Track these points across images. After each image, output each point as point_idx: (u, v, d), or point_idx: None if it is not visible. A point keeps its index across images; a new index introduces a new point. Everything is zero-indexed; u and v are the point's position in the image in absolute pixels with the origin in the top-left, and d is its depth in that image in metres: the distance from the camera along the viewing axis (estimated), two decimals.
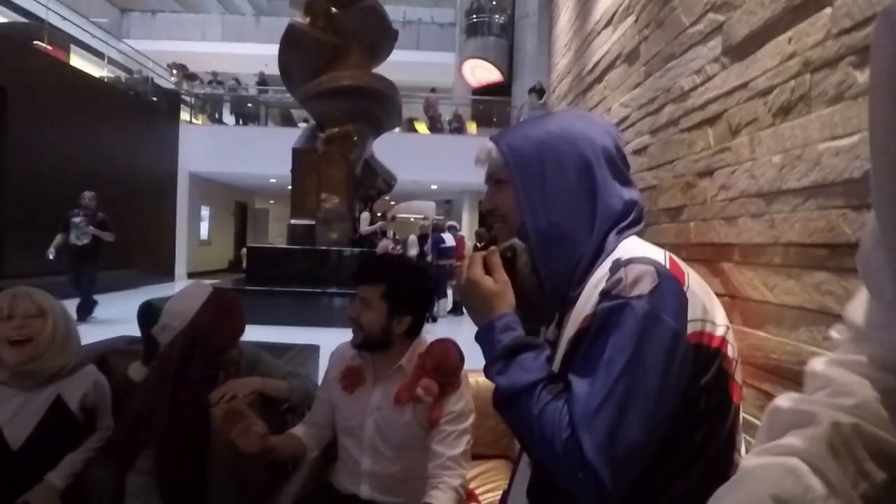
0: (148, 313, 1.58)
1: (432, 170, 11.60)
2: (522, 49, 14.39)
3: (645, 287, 0.68)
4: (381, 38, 7.58)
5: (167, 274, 11.41)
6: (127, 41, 14.10)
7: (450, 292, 7.89)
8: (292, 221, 7.46)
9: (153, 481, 1.37)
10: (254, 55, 15.26)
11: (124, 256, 9.65)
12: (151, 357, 1.50)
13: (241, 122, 12.88)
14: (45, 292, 1.40)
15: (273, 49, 7.88)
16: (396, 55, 8.43)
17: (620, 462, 0.64)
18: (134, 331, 1.89)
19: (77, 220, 5.98)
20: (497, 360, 0.75)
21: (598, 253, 0.77)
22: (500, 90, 13.58)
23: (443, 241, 7.65)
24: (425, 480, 1.24)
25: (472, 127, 13.11)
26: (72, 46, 9.94)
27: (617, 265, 0.72)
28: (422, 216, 8.46)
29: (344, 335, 1.45)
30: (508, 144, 0.84)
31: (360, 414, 1.34)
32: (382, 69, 7.74)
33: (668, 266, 0.72)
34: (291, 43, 6.99)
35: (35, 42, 8.28)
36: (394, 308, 1.29)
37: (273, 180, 12.82)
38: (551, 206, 0.79)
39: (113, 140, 9.37)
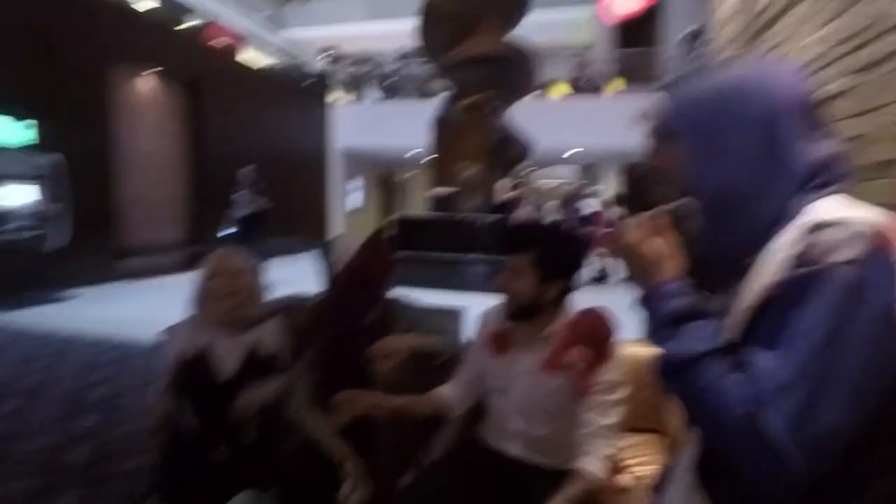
0: (327, 249, 1.93)
1: (572, 134, 11.14)
2: None
3: (847, 253, 0.59)
4: (516, 1, 7.37)
5: (324, 241, 12.69)
6: (287, 31, 15.57)
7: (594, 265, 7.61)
8: (433, 191, 7.76)
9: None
10: (397, 30, 15.82)
11: (287, 226, 10.94)
12: None
13: (384, 97, 13.56)
14: (243, 253, 1.67)
15: (414, 23, 8.12)
16: (534, 16, 8.13)
17: (813, 446, 0.57)
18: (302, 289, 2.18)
19: (237, 196, 6.54)
20: (665, 326, 0.70)
21: (782, 216, 0.68)
22: (647, 28, 12.37)
23: (582, 208, 7.38)
24: (575, 445, 1.25)
25: (617, 85, 12.22)
26: (242, 40, 11.27)
27: (810, 229, 0.63)
28: (561, 182, 8.18)
29: (484, 300, 1.51)
30: (679, 96, 0.78)
31: (509, 377, 1.38)
32: (519, 32, 7.53)
33: (876, 230, 0.61)
34: (428, 16, 7.14)
35: (215, 40, 9.52)
36: (544, 275, 1.29)
37: (416, 151, 13.39)
38: (726, 164, 0.71)
39: (279, 122, 10.54)
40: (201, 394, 1.57)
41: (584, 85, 12.32)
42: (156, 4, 9.20)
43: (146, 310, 5.44)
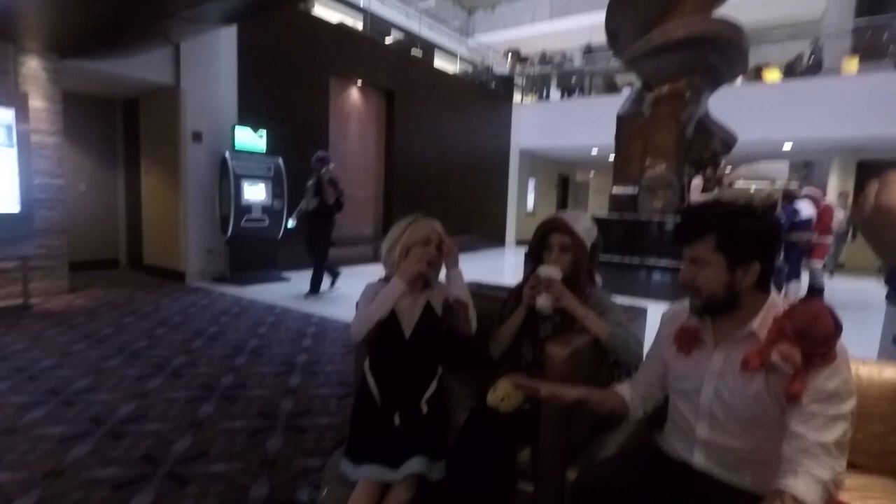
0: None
1: (786, 124, 9.52)
2: None
3: None
4: None
5: (500, 240, 12.95)
6: (474, 37, 16.28)
7: (805, 275, 6.41)
8: (614, 190, 7.32)
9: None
10: (581, 27, 15.42)
11: (467, 224, 11.42)
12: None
13: (565, 95, 13.29)
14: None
15: (599, 17, 7.76)
16: None
17: None
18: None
19: (308, 184, 5.72)
20: None
21: None
22: None
23: (797, 211, 6.22)
24: (772, 461, 1.02)
25: (850, 65, 10.08)
26: (435, 50, 12.08)
27: None
28: (769, 181, 7.03)
29: (662, 308, 1.34)
30: None
31: (698, 378, 1.19)
32: (726, 10, 6.66)
33: None
34: (619, 2, 6.71)
35: (412, 51, 10.36)
36: (733, 257, 1.09)
37: (595, 151, 12.86)
38: None
39: (461, 125, 11.06)
40: (385, 348, 1.70)
41: (808, 65, 10.39)
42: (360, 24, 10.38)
43: (343, 293, 6.18)
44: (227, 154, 6.26)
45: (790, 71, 10.52)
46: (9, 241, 4.74)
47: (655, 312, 2.16)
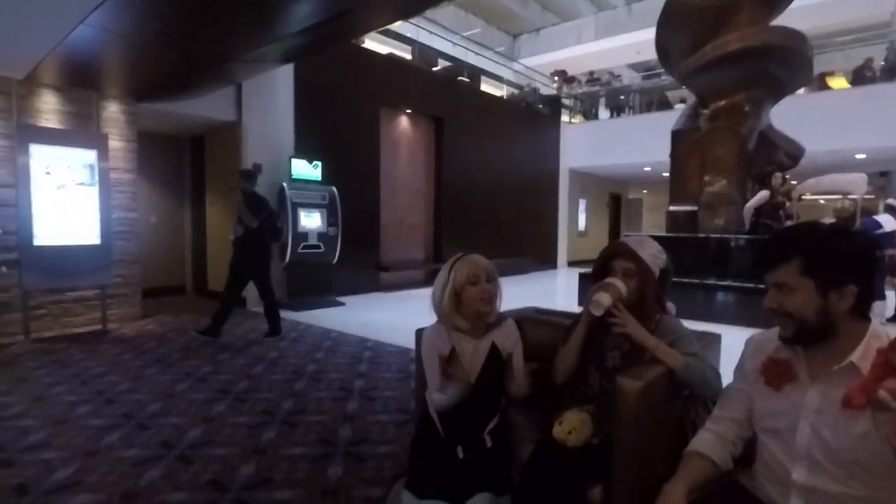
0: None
1: (858, 133, 8.95)
2: None
3: None
4: None
5: (551, 262, 12.75)
6: (520, 61, 16.41)
7: (891, 295, 5.91)
8: (671, 208, 7.07)
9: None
10: (627, 45, 15.29)
11: (517, 247, 11.32)
12: None
13: (615, 114, 13.10)
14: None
15: (646, 35, 7.65)
16: None
17: None
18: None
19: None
20: None
21: None
22: None
23: (878, 225, 5.78)
24: None
25: None
26: (481, 75, 12.24)
27: None
28: (844, 194, 6.59)
29: (731, 332, 1.23)
30: None
31: (791, 415, 1.08)
32: (785, 19, 6.41)
33: None
34: (670, 18, 6.58)
35: (459, 78, 10.55)
36: (824, 280, 1.00)
37: (647, 168, 12.53)
38: None
39: (509, 148, 11.07)
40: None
41: (880, 71, 9.79)
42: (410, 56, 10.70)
43: (396, 317, 6.23)
44: (285, 184, 6.53)
45: (858, 77, 9.94)
46: (90, 270, 5.10)
47: (727, 337, 2.04)
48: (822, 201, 12.16)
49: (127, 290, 5.73)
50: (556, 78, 14.44)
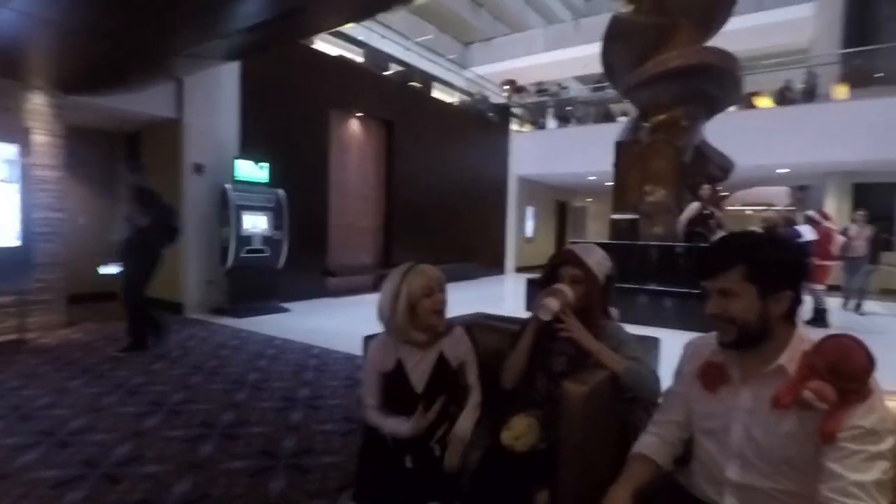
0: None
1: (781, 150, 9.65)
2: None
3: None
4: (716, 5, 6.68)
5: (499, 268, 12.92)
6: (471, 69, 16.61)
7: (808, 299, 6.38)
8: (614, 216, 7.34)
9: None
10: (574, 58, 15.80)
11: (466, 252, 11.41)
12: None
13: (562, 124, 13.48)
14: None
15: (593, 49, 7.93)
16: (735, 22, 7.32)
17: None
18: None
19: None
20: None
21: None
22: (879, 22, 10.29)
23: (798, 235, 6.23)
24: None
25: (839, 91, 10.29)
26: (433, 81, 12.29)
27: None
28: (768, 206, 7.07)
29: (669, 336, 1.29)
30: None
31: (726, 416, 1.14)
32: (718, 40, 6.82)
33: None
34: (614, 35, 6.86)
35: (410, 83, 10.54)
36: (765, 286, 1.06)
37: (592, 178, 12.96)
38: None
39: (459, 154, 11.17)
40: (397, 403, 1.65)
41: (800, 93, 10.61)
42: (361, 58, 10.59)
43: (344, 323, 6.11)
44: (228, 186, 6.27)
45: (780, 98, 10.73)
46: (7, 275, 4.69)
47: (666, 341, 2.12)
48: (748, 212, 13.01)
49: (50, 295, 5.31)
50: (506, 87, 14.72)
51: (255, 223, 6.44)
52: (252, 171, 6.58)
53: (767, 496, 1.08)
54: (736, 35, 8.23)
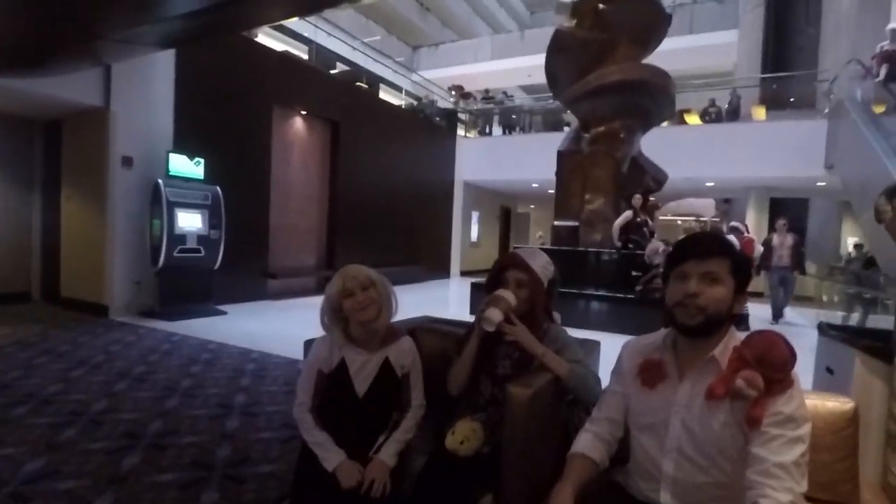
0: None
1: (708, 164, 10.31)
2: (836, 9, 11.70)
3: None
4: (653, 25, 7.07)
5: (445, 271, 12.98)
6: (418, 73, 16.64)
7: None
8: (556, 223, 7.56)
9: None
10: (520, 68, 16.21)
11: (412, 255, 11.39)
12: None
13: (507, 132, 13.76)
14: (367, 267, 1.67)
15: (537, 60, 8.17)
16: (668, 43, 7.76)
17: None
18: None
19: None
20: None
21: None
22: (792, 51, 11.29)
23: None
24: (740, 498, 1.04)
25: (758, 112, 11.15)
26: (380, 83, 12.22)
27: None
28: (697, 216, 7.53)
29: (606, 338, 1.34)
30: None
31: (664, 411, 1.19)
32: (653, 59, 7.21)
33: None
34: (557, 48, 7.10)
35: (357, 83, 10.41)
36: (739, 283, 1.14)
37: (535, 185, 13.31)
38: None
39: (406, 157, 11.14)
40: (334, 406, 1.61)
41: (725, 112, 11.39)
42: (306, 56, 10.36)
43: (284, 327, 5.92)
44: (161, 181, 5.93)
45: (704, 115, 11.48)
46: None
47: (605, 343, 2.21)
48: (678, 221, 13.81)
49: None
50: (454, 92, 14.85)
51: (190, 221, 6.12)
52: (187, 166, 6.26)
53: (701, 490, 1.13)
54: (669, 55, 8.72)
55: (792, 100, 11.75)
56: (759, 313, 7.44)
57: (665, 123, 9.48)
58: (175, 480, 2.24)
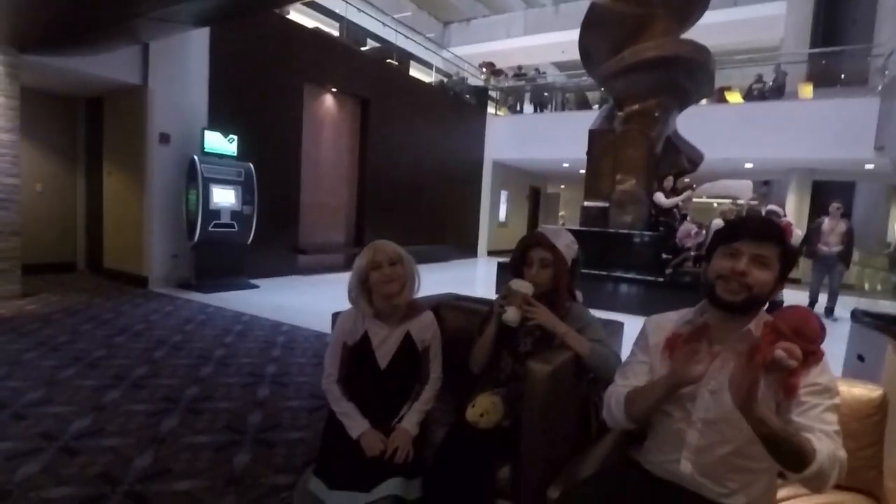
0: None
1: (748, 145, 9.91)
2: None
3: None
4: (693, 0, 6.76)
5: (472, 251, 12.99)
6: (449, 49, 16.42)
7: None
8: (585, 203, 7.44)
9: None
10: (553, 44, 15.78)
11: (440, 234, 11.41)
12: None
13: (538, 109, 13.50)
14: (395, 244, 1.71)
15: (572, 35, 7.93)
16: (710, 16, 7.42)
17: None
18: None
19: None
20: None
21: None
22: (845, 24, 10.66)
23: None
24: (762, 474, 1.13)
25: (806, 90, 10.60)
26: (410, 60, 12.12)
27: None
28: (733, 199, 7.29)
29: (633, 321, 1.32)
30: None
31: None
32: (693, 34, 6.91)
33: None
34: (592, 22, 6.87)
35: (388, 60, 10.36)
36: (784, 271, 1.16)
37: (566, 165, 13.08)
38: None
39: (436, 135, 11.08)
40: (358, 377, 1.67)
41: (769, 90, 10.88)
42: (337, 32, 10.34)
43: (313, 301, 6.07)
44: (196, 157, 6.09)
45: (748, 94, 10.99)
46: None
47: (629, 325, 2.19)
48: (714, 204, 13.38)
49: (4, 265, 5.11)
50: (485, 69, 14.61)
51: (224, 197, 6.29)
52: (221, 143, 6.40)
53: (723, 461, 1.15)
54: (710, 29, 8.36)
55: (843, 76, 11.13)
56: (795, 299, 7.18)
57: (704, 101, 9.14)
58: (210, 442, 2.36)
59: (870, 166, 9.73)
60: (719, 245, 1.19)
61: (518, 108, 13.97)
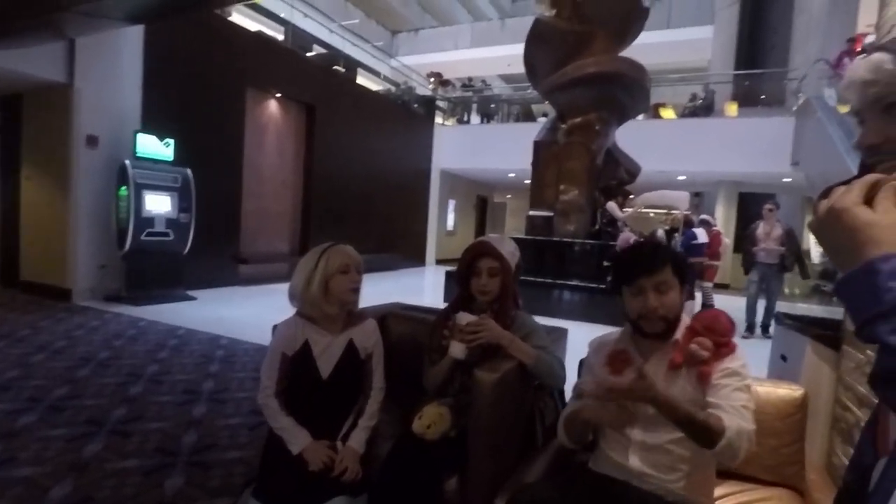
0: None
1: (680, 158, 10.50)
2: (807, 9, 11.96)
3: None
4: (630, 19, 7.11)
5: (420, 260, 12.96)
6: (397, 58, 16.43)
7: (698, 295, 7.01)
8: (531, 213, 7.60)
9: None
10: (499, 57, 16.11)
11: (387, 243, 11.33)
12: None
13: (485, 120, 13.72)
14: None
15: (517, 49, 8.14)
16: (643, 37, 7.82)
17: None
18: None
19: None
20: (889, 314, 0.48)
21: None
22: (765, 49, 11.53)
23: (694, 236, 6.82)
24: (699, 465, 1.22)
25: (731, 109, 11.37)
26: (357, 68, 12.03)
27: None
28: (670, 209, 7.68)
29: (577, 328, 1.40)
30: None
31: None
32: (630, 52, 7.26)
33: None
34: (536, 37, 7.08)
35: (334, 67, 10.23)
36: (682, 280, 1.29)
37: (512, 175, 13.34)
38: None
39: (383, 143, 11.03)
40: (299, 389, 1.61)
41: (700, 107, 11.59)
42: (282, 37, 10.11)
43: (255, 313, 5.85)
44: (128, 162, 5.74)
45: (685, 110, 11.66)
46: None
47: (573, 332, 2.24)
48: (651, 214, 14.05)
49: None
50: (432, 79, 14.72)
51: (159, 204, 5.96)
52: (156, 147, 6.07)
53: (665, 452, 1.23)
54: (645, 49, 8.79)
55: (763, 97, 12.02)
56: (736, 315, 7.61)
57: (640, 117, 9.59)
58: (138, 467, 2.20)
59: (787, 180, 10.53)
60: (622, 284, 1.30)
61: (465, 118, 14.15)
